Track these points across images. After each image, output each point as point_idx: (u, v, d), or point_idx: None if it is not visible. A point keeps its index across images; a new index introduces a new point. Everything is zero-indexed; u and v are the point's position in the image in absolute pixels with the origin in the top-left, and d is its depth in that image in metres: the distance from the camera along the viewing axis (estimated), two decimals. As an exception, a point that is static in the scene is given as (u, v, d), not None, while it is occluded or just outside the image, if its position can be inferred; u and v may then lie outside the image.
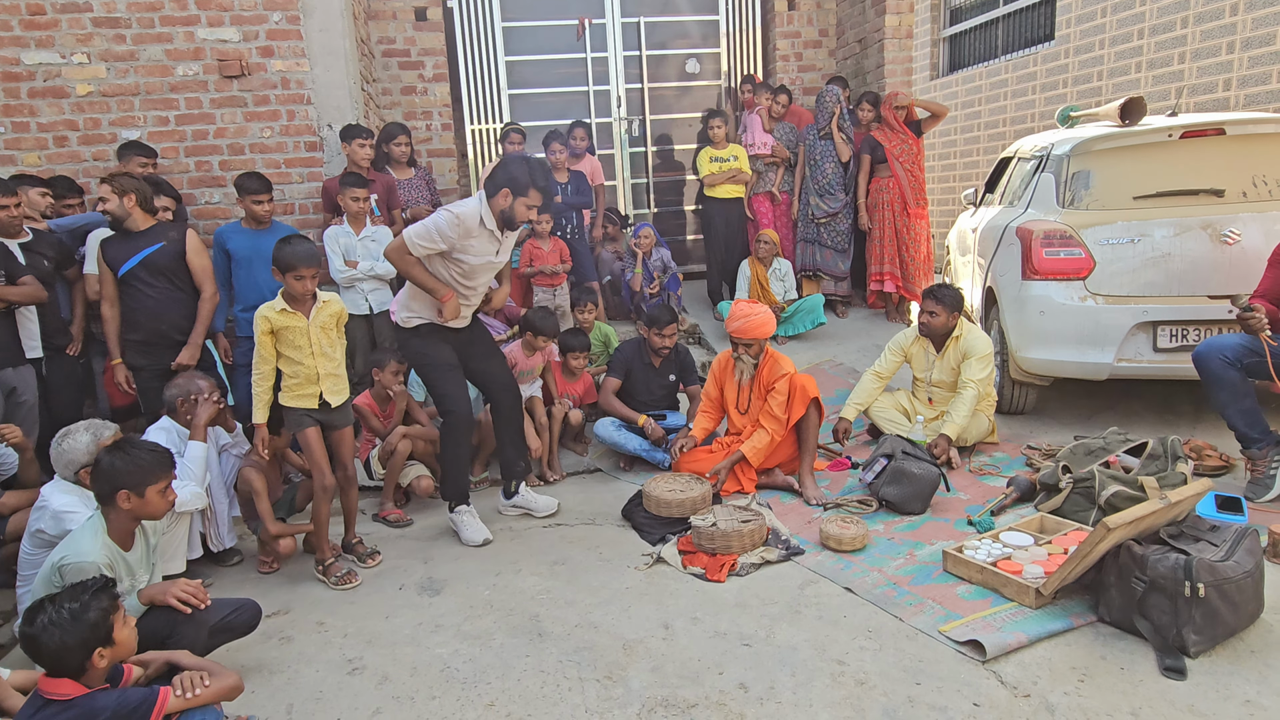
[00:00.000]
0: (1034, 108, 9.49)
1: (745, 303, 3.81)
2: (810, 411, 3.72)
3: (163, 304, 3.87)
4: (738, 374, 3.86)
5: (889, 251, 5.96)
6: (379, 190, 4.92)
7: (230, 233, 4.37)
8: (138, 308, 3.85)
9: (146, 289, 3.83)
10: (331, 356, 3.25)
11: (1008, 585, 2.61)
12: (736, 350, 3.81)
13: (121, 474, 2.37)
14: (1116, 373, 3.97)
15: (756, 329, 3.70)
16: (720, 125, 5.96)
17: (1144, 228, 3.92)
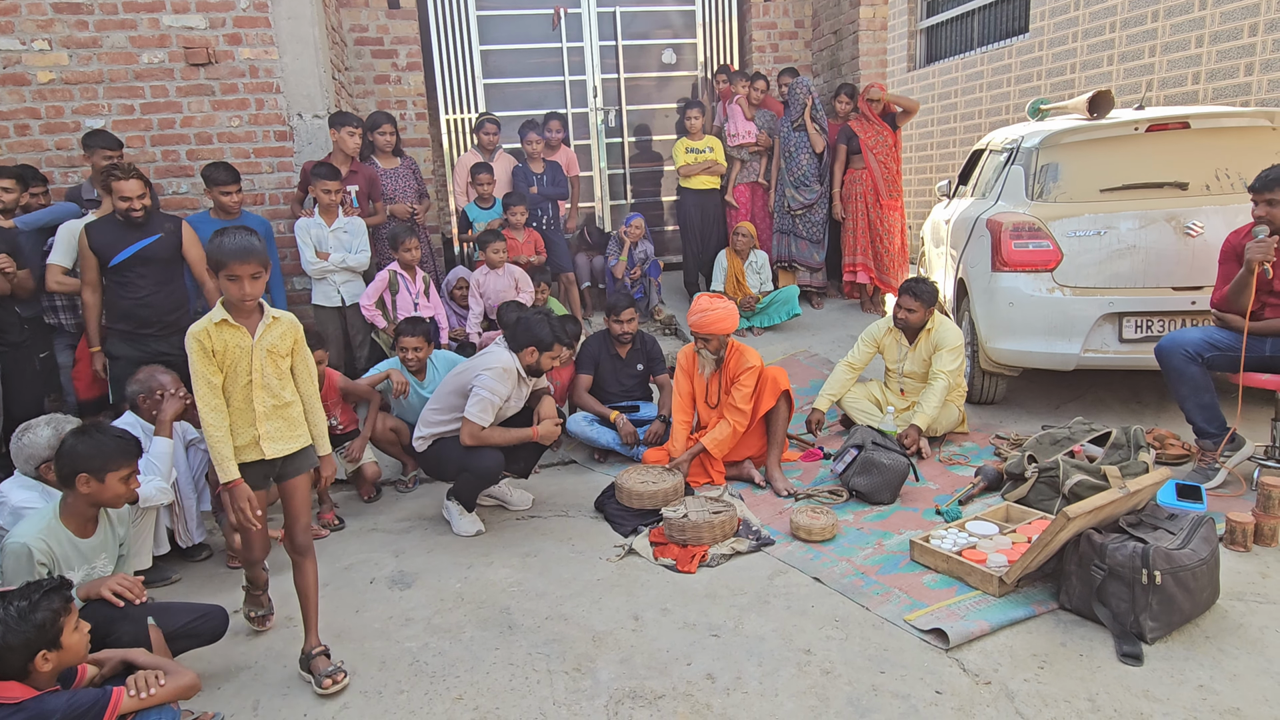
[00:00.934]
0: (1008, 99, 9.57)
1: (706, 296, 3.79)
2: (780, 404, 3.74)
3: (155, 294, 3.83)
4: (700, 367, 3.87)
5: (862, 242, 6.00)
6: (361, 182, 4.87)
7: (198, 224, 4.27)
8: (128, 297, 3.79)
9: (139, 279, 3.78)
10: (277, 393, 2.39)
11: (972, 574, 2.65)
12: (697, 344, 3.80)
13: (83, 457, 2.33)
14: (1083, 363, 4.03)
15: (715, 324, 3.68)
16: (697, 116, 5.96)
17: (1110, 220, 3.97)
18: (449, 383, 3.51)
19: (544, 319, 3.46)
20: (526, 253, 5.25)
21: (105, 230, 3.76)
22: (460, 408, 3.42)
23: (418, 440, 3.57)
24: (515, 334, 3.47)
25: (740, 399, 3.70)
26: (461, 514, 3.57)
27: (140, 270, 3.78)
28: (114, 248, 3.74)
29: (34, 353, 3.93)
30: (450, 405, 3.47)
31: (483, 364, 3.44)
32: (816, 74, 7.12)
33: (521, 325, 3.46)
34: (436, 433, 3.52)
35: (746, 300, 5.71)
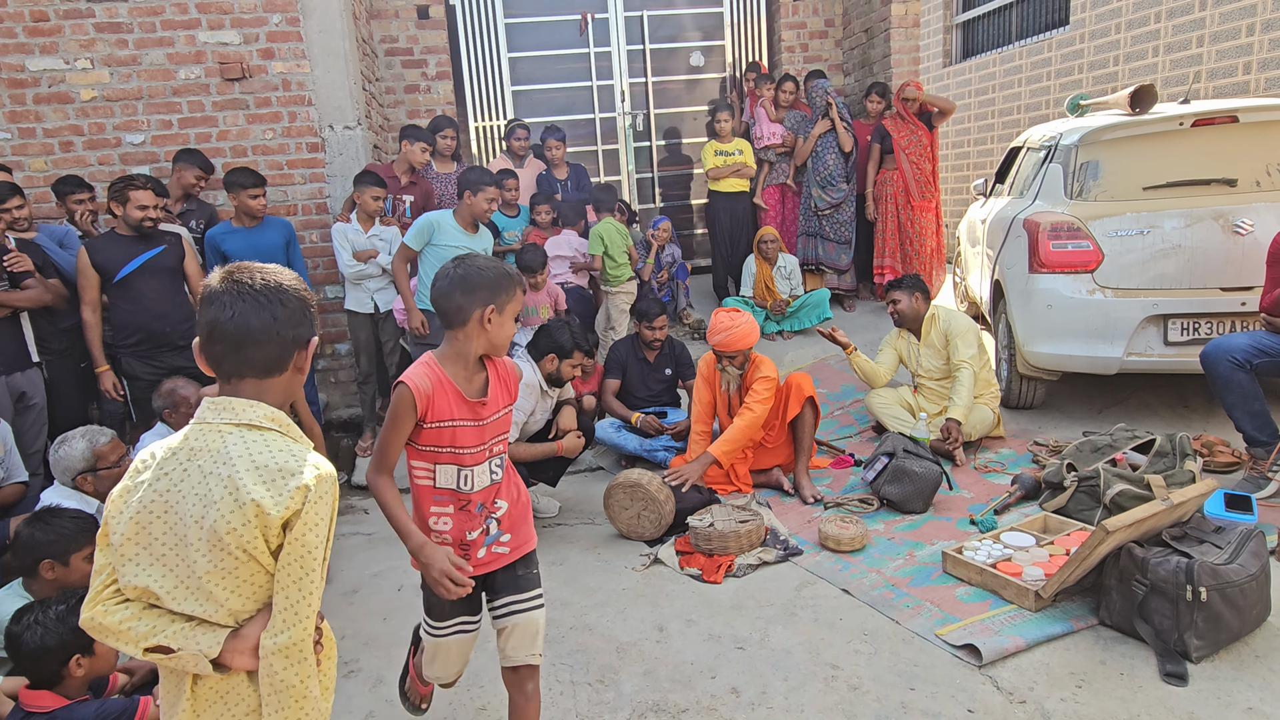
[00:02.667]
0: (1049, 94, 9.32)
1: (725, 313, 3.71)
2: (805, 410, 3.67)
3: (164, 305, 3.89)
4: (724, 384, 3.82)
5: (891, 244, 5.89)
6: (418, 194, 4.94)
7: (223, 234, 4.34)
8: (137, 310, 3.83)
9: (149, 292, 3.83)
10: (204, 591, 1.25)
11: (1007, 587, 2.57)
12: (720, 362, 3.74)
13: (43, 544, 2.28)
14: (1126, 367, 3.90)
15: (738, 341, 3.61)
16: (727, 119, 5.91)
17: (1154, 219, 3.83)
18: None
19: (565, 325, 3.46)
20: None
21: (106, 246, 3.80)
22: None
23: None
24: (536, 341, 3.46)
25: (755, 404, 3.62)
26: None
27: (150, 283, 3.82)
28: (118, 262, 3.77)
29: (75, 361, 4.04)
30: None
31: None
32: (847, 73, 7.02)
33: (542, 332, 3.46)
34: None
35: (777, 304, 5.65)
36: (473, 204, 4.07)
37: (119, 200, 3.80)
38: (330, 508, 1.23)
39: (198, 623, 1.21)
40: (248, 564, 1.20)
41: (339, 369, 5.23)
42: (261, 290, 1.23)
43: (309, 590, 1.20)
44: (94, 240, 3.91)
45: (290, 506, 1.17)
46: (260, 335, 1.23)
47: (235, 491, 1.17)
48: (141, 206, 3.77)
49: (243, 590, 1.22)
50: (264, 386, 1.26)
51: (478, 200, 4.06)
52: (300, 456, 1.21)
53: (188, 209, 4.61)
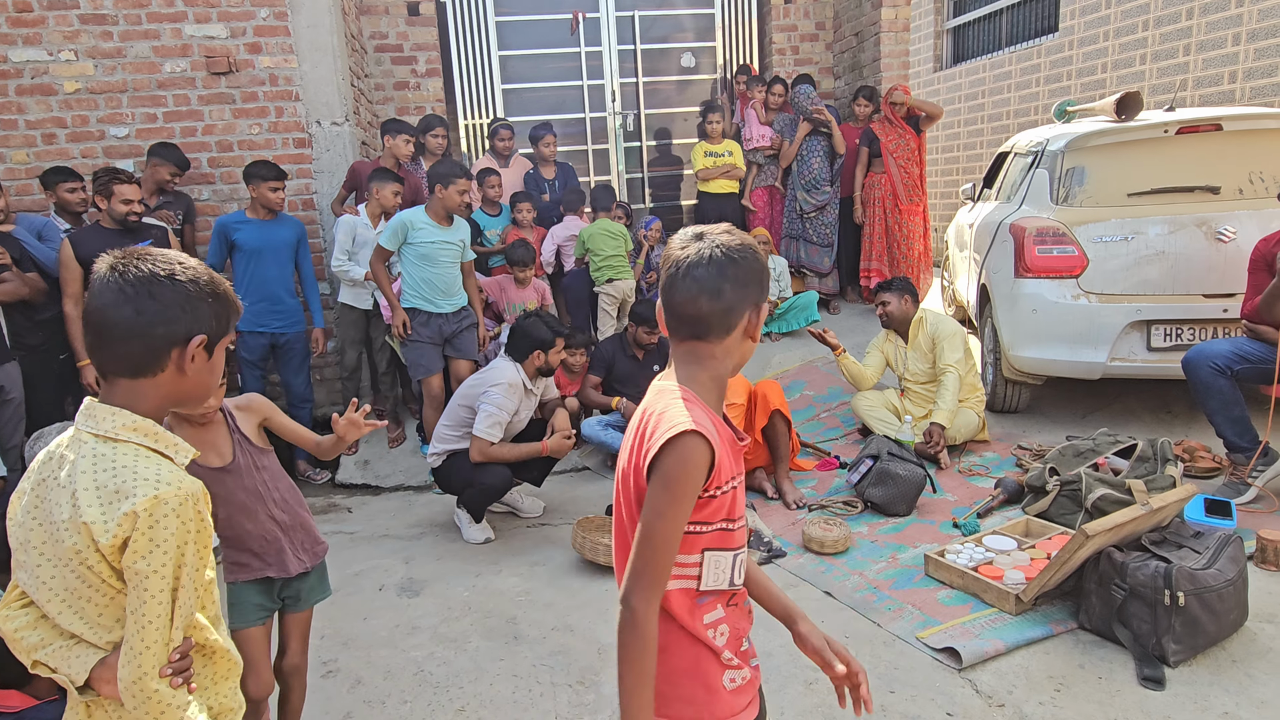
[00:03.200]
0: (1037, 100, 9.38)
1: None
2: (775, 421, 3.65)
3: None
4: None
5: (878, 247, 5.91)
6: (405, 190, 4.90)
7: (236, 223, 4.26)
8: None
9: None
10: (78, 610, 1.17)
11: (988, 591, 2.57)
12: None
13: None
14: (1110, 372, 3.92)
15: None
16: (717, 121, 5.91)
17: (1138, 225, 3.86)
18: (458, 397, 3.51)
19: (536, 319, 3.47)
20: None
21: (93, 239, 3.75)
22: (470, 422, 3.41)
23: (431, 456, 3.57)
24: (515, 344, 3.46)
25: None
26: (471, 522, 3.56)
27: None
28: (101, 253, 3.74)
29: (53, 355, 3.99)
30: (460, 420, 3.47)
31: (490, 379, 3.44)
32: (838, 76, 7.04)
33: (518, 333, 3.46)
34: (450, 448, 3.51)
35: (765, 306, 5.65)
36: (444, 197, 4.04)
37: (103, 193, 3.77)
38: (176, 533, 1.06)
39: (77, 641, 1.12)
40: (101, 587, 1.09)
41: (324, 365, 5.19)
42: (133, 281, 1.10)
43: (147, 623, 1.06)
44: (78, 233, 3.86)
45: (118, 533, 1.04)
46: (121, 330, 1.09)
47: (75, 510, 1.06)
48: (126, 200, 3.74)
49: (107, 614, 1.11)
50: (136, 388, 1.11)
51: (449, 193, 4.03)
52: (145, 476, 1.06)
53: (164, 201, 4.57)
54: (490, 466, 3.39)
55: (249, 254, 4.24)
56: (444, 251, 4.14)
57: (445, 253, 4.15)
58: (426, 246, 4.12)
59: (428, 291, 4.16)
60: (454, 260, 4.21)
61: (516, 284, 4.94)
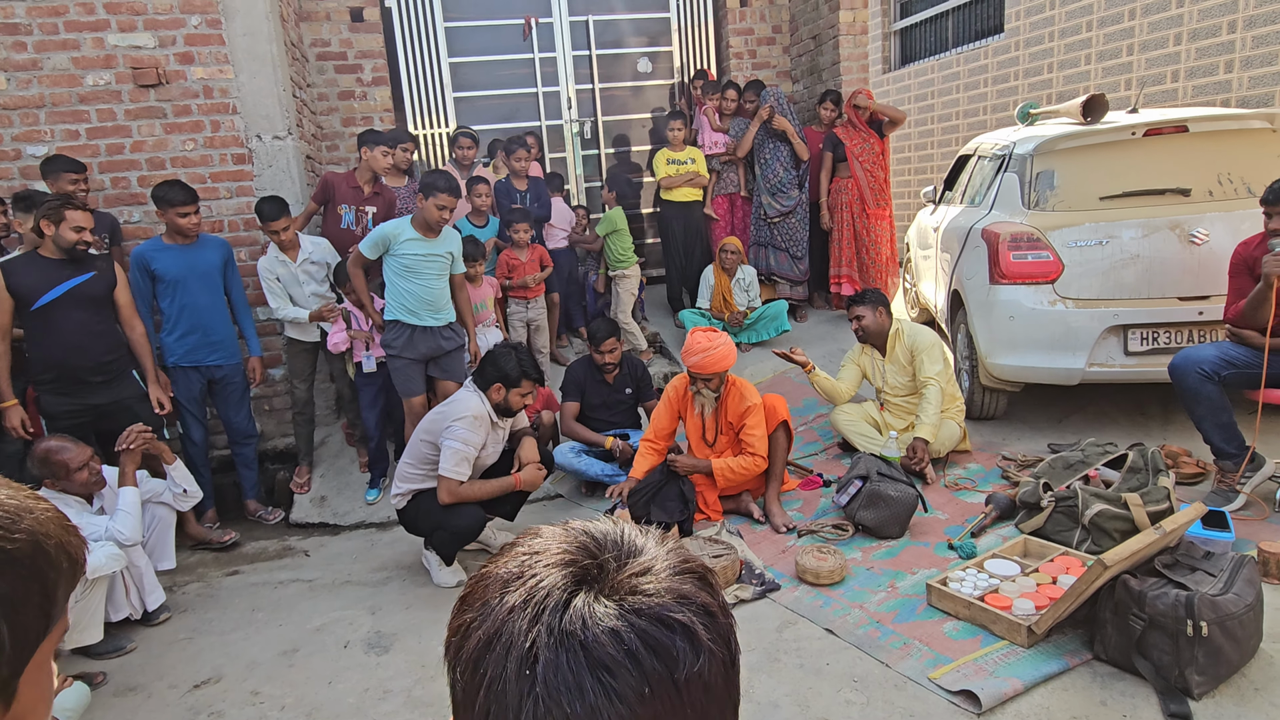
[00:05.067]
0: (986, 100, 9.48)
1: (703, 333, 3.55)
2: (778, 433, 3.53)
3: (87, 338, 3.53)
4: (698, 406, 3.67)
5: (847, 253, 5.84)
6: (381, 205, 4.66)
7: (153, 251, 3.96)
8: (55, 343, 3.46)
9: (68, 323, 3.47)
10: None
11: (997, 622, 2.46)
12: (695, 384, 3.57)
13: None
14: (1088, 378, 3.88)
15: (718, 363, 3.45)
16: (680, 128, 5.77)
17: (1112, 229, 3.83)
18: (420, 432, 3.27)
19: (510, 352, 3.24)
20: (532, 270, 4.97)
21: (26, 269, 3.42)
22: (433, 459, 3.18)
23: (395, 498, 3.32)
24: (482, 370, 3.24)
25: (758, 444, 3.47)
26: (441, 564, 3.33)
27: (71, 313, 3.47)
28: (39, 288, 3.41)
29: None
30: (424, 456, 3.23)
31: (452, 412, 3.18)
32: (796, 80, 6.97)
33: (487, 360, 3.23)
34: (414, 488, 3.27)
35: (734, 316, 5.53)
36: (424, 209, 3.83)
37: (51, 219, 3.41)
38: None
39: None
40: None
41: (274, 395, 4.87)
42: None
43: None
44: (11, 262, 3.50)
45: None
46: None
47: None
48: (78, 228, 3.42)
49: None
50: None
51: (428, 205, 3.82)
52: None
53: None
54: (461, 507, 3.16)
55: (172, 284, 3.92)
56: (428, 264, 3.92)
57: (429, 265, 3.92)
58: (410, 259, 3.89)
59: (411, 303, 3.93)
60: (439, 273, 3.99)
61: (468, 282, 4.68)
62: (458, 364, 4.15)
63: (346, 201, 4.62)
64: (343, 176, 4.69)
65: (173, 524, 3.40)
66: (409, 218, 3.94)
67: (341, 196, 4.64)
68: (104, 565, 2.72)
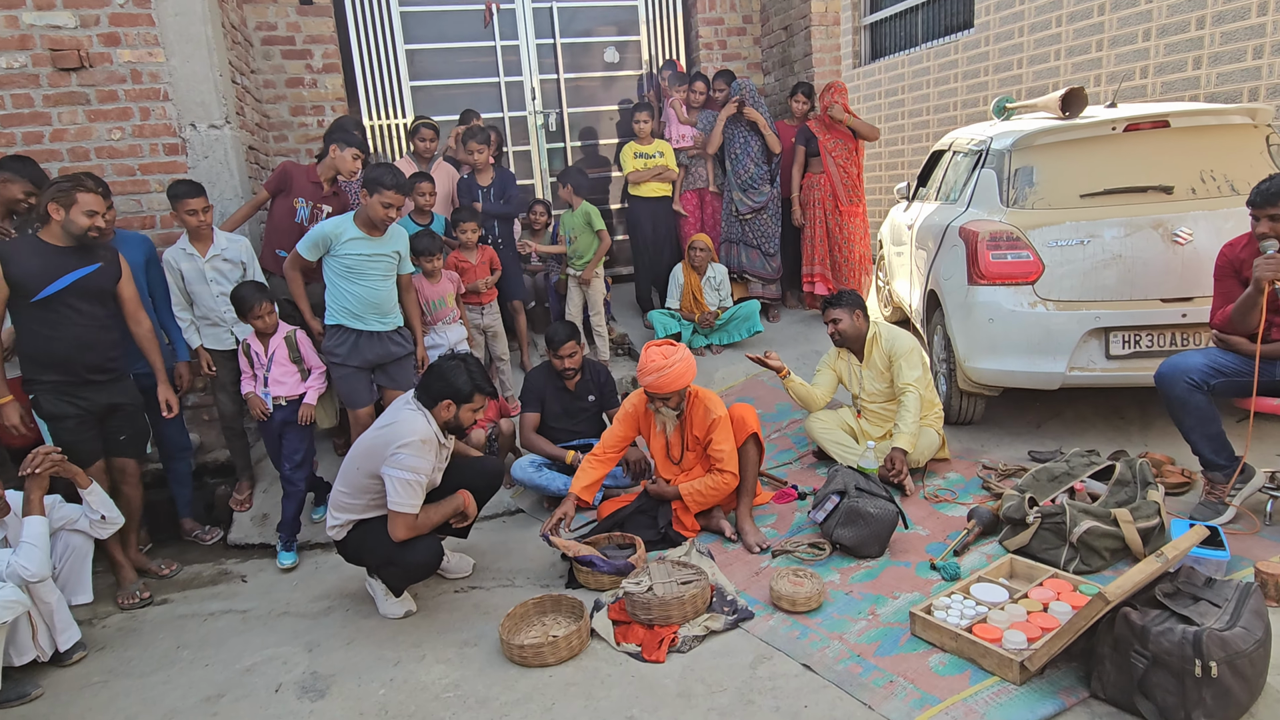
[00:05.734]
0: (956, 95, 9.39)
1: (657, 349, 3.31)
2: (749, 447, 3.32)
3: (94, 334, 3.28)
4: (659, 425, 3.45)
5: (820, 250, 5.66)
6: (336, 206, 4.36)
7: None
8: (59, 338, 3.20)
9: (74, 316, 3.21)
10: None
11: (987, 656, 2.28)
12: (653, 403, 3.34)
13: None
14: (1069, 382, 3.74)
15: (675, 381, 3.22)
16: (646, 120, 5.53)
17: (1093, 228, 3.68)
18: (357, 458, 2.96)
19: (459, 365, 2.93)
20: (482, 274, 4.67)
21: (28, 255, 3.14)
22: (375, 489, 2.88)
23: (332, 529, 3.01)
24: (427, 385, 2.94)
25: (728, 460, 3.25)
26: (388, 594, 3.06)
27: (77, 305, 3.21)
28: (41, 278, 3.13)
29: None
30: (362, 487, 2.92)
31: (395, 437, 2.81)
32: (767, 71, 6.77)
33: (433, 374, 2.94)
34: (353, 518, 2.98)
35: (705, 317, 5.31)
36: (368, 205, 3.55)
37: (61, 202, 3.13)
38: None
39: None
40: None
41: (212, 405, 4.54)
42: None
43: None
44: (10, 244, 3.19)
45: None
46: None
47: None
48: (90, 213, 3.15)
49: None
50: None
51: (373, 203, 3.55)
52: None
53: (17, 226, 3.85)
54: (416, 541, 2.89)
55: None
56: (373, 264, 3.65)
57: (374, 266, 3.66)
58: (353, 259, 3.62)
59: (355, 306, 3.66)
60: (385, 274, 3.72)
61: (426, 278, 4.41)
62: (407, 371, 3.88)
63: (304, 195, 4.31)
64: (303, 169, 4.37)
65: (89, 554, 3.08)
66: (351, 215, 3.66)
67: (300, 189, 4.32)
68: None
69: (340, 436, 4.44)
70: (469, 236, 4.66)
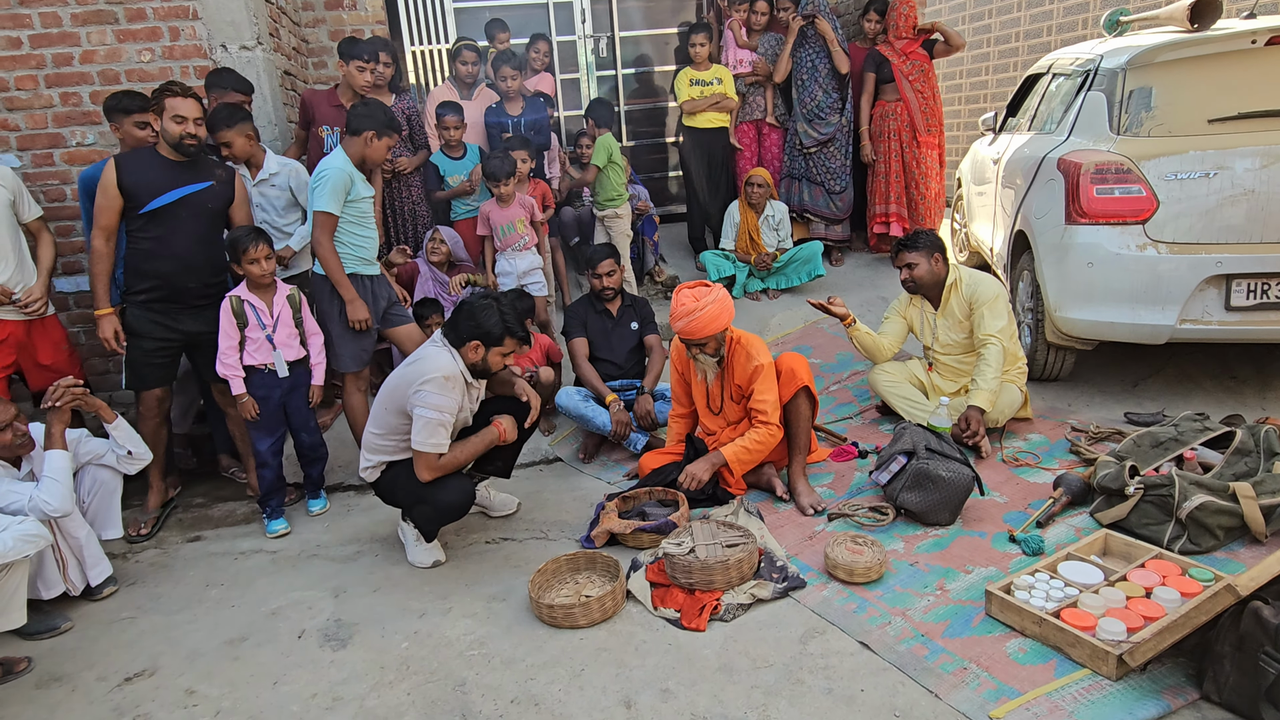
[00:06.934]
0: (1051, 19, 8.54)
1: (688, 290, 3.02)
2: (799, 399, 3.00)
3: (197, 254, 3.24)
4: (700, 373, 3.17)
5: (895, 188, 5.17)
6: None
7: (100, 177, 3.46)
8: (160, 253, 3.18)
9: (179, 231, 3.18)
10: None
11: (1077, 646, 1.98)
12: (690, 350, 3.07)
13: None
14: (1178, 336, 3.30)
15: (707, 326, 2.93)
16: (703, 43, 5.08)
17: (1222, 158, 3.17)
18: (385, 399, 2.78)
19: (491, 305, 2.71)
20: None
21: (142, 166, 3.14)
22: (404, 430, 2.71)
23: (364, 471, 2.88)
24: (455, 323, 2.74)
25: (770, 411, 2.96)
26: (419, 539, 2.91)
27: (187, 223, 3.18)
28: (153, 189, 3.11)
29: None
30: (391, 427, 2.76)
31: (419, 374, 2.65)
32: (839, -11, 6.17)
33: (464, 313, 2.72)
34: (386, 459, 2.84)
35: (762, 259, 4.95)
36: (372, 148, 3.31)
37: (156, 110, 3.16)
38: None
39: None
40: None
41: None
42: None
43: None
44: (126, 155, 3.19)
45: None
46: None
47: None
48: (179, 118, 3.11)
49: None
50: None
51: (378, 146, 3.33)
52: None
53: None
54: (446, 480, 2.72)
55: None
56: (371, 205, 3.47)
57: (371, 206, 3.48)
58: (365, 203, 3.43)
59: (367, 252, 3.48)
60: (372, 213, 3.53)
61: (499, 203, 4.19)
62: (400, 304, 3.70)
63: (328, 122, 4.11)
64: (323, 95, 4.17)
65: (118, 489, 3.01)
66: (342, 157, 3.33)
67: (323, 116, 4.12)
68: (11, 550, 2.33)
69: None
70: (521, 168, 4.37)
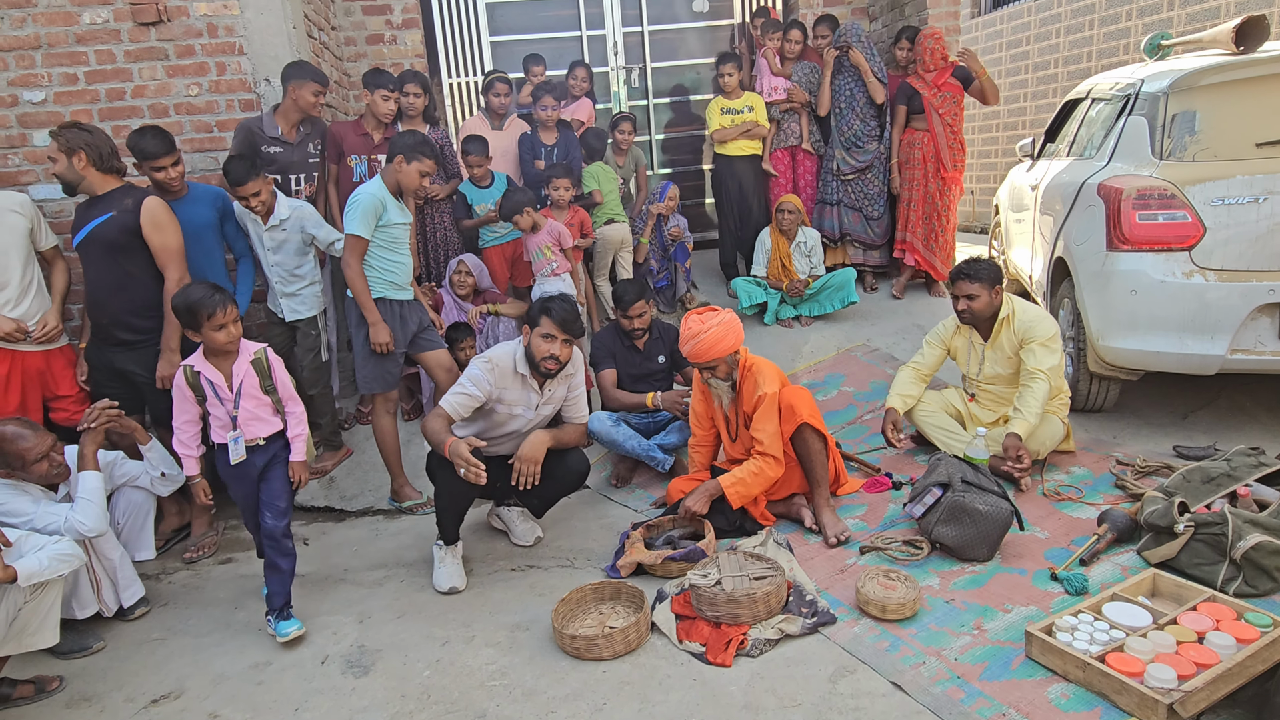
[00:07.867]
0: (1091, 45, 8.45)
1: (695, 315, 3.01)
2: (805, 434, 2.91)
3: (103, 290, 3.27)
4: (715, 399, 3.13)
5: (914, 217, 5.10)
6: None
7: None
8: (89, 289, 3.34)
9: (92, 268, 3.27)
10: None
11: (1124, 693, 1.87)
12: (703, 374, 3.06)
13: None
14: (1229, 367, 3.17)
15: (712, 348, 2.90)
16: (732, 72, 5.11)
17: (1272, 183, 3.07)
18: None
19: (546, 299, 2.96)
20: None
21: (83, 205, 3.30)
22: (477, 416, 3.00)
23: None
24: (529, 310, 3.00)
25: (768, 439, 2.91)
26: (442, 560, 2.91)
27: (97, 259, 3.27)
28: (76, 225, 3.27)
29: None
30: None
31: (484, 354, 2.98)
32: (874, 17, 6.17)
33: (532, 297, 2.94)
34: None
35: (794, 285, 4.90)
36: (404, 173, 3.37)
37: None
38: None
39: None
40: None
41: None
42: None
43: None
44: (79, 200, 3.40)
45: None
46: None
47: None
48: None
49: None
50: None
51: (410, 171, 3.37)
52: None
53: (305, 133, 4.06)
54: (449, 469, 2.76)
55: None
56: (406, 232, 3.54)
57: (407, 233, 3.56)
58: (397, 228, 3.48)
59: (399, 277, 3.52)
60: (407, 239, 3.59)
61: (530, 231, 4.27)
62: (433, 329, 3.74)
63: (356, 151, 4.20)
64: (349, 125, 4.27)
65: (151, 510, 3.06)
66: (379, 183, 3.40)
67: (350, 146, 4.21)
68: (46, 569, 2.36)
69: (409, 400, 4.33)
70: (561, 195, 4.41)
